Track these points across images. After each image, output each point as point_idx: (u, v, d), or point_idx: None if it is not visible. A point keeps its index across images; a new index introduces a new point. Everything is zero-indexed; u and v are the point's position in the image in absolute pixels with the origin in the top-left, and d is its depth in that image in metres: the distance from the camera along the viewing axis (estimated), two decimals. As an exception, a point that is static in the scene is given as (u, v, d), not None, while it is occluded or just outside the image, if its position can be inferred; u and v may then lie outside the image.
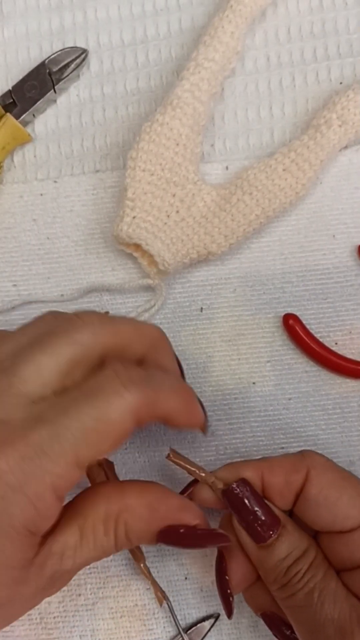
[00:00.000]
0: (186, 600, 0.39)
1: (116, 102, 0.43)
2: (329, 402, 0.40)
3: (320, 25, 0.43)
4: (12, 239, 0.42)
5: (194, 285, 0.41)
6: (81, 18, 0.43)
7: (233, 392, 0.41)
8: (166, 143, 0.39)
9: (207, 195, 0.40)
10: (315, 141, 0.40)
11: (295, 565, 0.31)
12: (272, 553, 0.31)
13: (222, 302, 0.41)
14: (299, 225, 0.41)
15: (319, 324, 0.41)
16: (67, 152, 0.43)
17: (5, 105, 0.42)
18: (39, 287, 0.42)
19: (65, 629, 0.39)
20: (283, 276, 0.41)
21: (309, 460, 0.32)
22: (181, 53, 0.43)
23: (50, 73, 0.42)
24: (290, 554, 0.31)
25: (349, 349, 0.40)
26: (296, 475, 0.32)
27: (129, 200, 0.38)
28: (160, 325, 0.41)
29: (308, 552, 0.31)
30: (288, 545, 0.31)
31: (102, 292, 0.42)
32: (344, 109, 0.40)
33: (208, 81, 0.40)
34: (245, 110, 0.43)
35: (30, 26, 0.44)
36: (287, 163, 0.39)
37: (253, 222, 0.39)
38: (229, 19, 0.40)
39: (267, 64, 0.43)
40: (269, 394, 0.40)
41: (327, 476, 0.32)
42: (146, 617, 0.39)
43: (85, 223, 0.42)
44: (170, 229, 0.39)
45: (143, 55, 0.43)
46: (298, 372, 0.41)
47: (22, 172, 0.42)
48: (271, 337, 0.41)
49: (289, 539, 0.31)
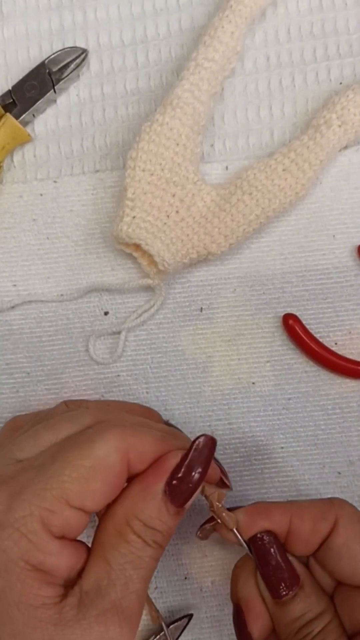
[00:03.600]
0: (186, 600, 0.39)
1: (116, 102, 0.43)
2: (328, 402, 0.40)
3: (320, 26, 0.43)
4: (11, 238, 0.42)
5: (194, 285, 0.41)
6: (81, 18, 0.43)
7: (233, 392, 0.41)
8: (166, 143, 0.39)
9: (207, 195, 0.40)
10: (315, 141, 0.40)
11: (307, 627, 0.31)
12: (286, 610, 0.31)
13: (222, 302, 0.41)
14: (298, 225, 0.41)
15: (319, 324, 0.41)
16: (67, 152, 0.43)
17: (5, 105, 0.42)
18: (38, 287, 0.42)
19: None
20: (283, 276, 0.41)
21: (338, 509, 0.32)
22: (181, 53, 0.43)
23: (50, 73, 0.42)
24: (304, 615, 0.31)
25: (348, 349, 0.40)
26: (324, 523, 0.32)
27: (129, 200, 0.38)
28: (160, 325, 0.41)
29: (323, 616, 0.31)
30: (303, 606, 0.31)
31: (102, 292, 0.42)
32: (344, 109, 0.40)
33: (208, 81, 0.40)
34: (245, 111, 0.43)
35: (30, 26, 0.43)
36: (286, 163, 0.39)
37: (253, 222, 0.39)
38: (228, 19, 0.40)
39: (266, 64, 0.43)
40: (269, 394, 0.40)
41: (354, 528, 0.32)
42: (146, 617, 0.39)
43: (85, 223, 0.42)
44: (170, 229, 0.39)
45: (143, 55, 0.43)
46: (298, 372, 0.41)
47: (22, 172, 0.42)
48: (271, 337, 0.41)
49: (305, 600, 0.31)
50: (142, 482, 0.29)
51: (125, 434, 0.29)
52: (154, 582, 0.39)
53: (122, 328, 0.40)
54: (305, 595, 0.31)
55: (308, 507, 0.32)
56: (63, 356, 0.41)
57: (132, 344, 0.41)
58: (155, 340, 0.41)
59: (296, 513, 0.32)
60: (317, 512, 0.32)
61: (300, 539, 0.32)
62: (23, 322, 0.41)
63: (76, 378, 0.41)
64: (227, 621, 0.39)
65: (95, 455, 0.28)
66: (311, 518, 0.32)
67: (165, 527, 0.29)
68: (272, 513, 0.32)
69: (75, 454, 0.28)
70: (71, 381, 0.41)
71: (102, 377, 0.41)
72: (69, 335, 0.41)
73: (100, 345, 0.41)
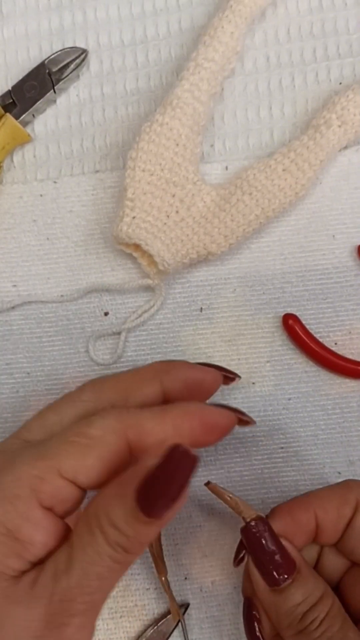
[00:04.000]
0: (186, 600, 0.39)
1: (116, 102, 0.43)
2: (328, 402, 0.40)
3: (319, 26, 0.43)
4: (11, 239, 0.42)
5: (194, 285, 0.41)
6: (81, 18, 0.43)
7: (233, 392, 0.41)
8: (166, 143, 0.39)
9: (207, 196, 0.40)
10: (314, 141, 0.40)
11: (311, 612, 0.30)
12: (286, 598, 0.30)
13: (222, 302, 0.41)
14: (298, 225, 0.41)
15: (319, 324, 0.41)
16: (66, 153, 0.43)
17: (5, 105, 0.42)
18: (38, 287, 0.42)
19: (65, 629, 0.39)
20: (283, 276, 0.41)
21: (357, 491, 0.32)
22: (181, 53, 0.43)
23: (50, 73, 0.42)
24: (306, 599, 0.30)
25: (348, 349, 0.40)
26: (347, 507, 0.32)
27: (129, 201, 0.38)
28: (160, 325, 0.41)
29: (324, 599, 0.31)
30: (303, 591, 0.30)
31: (102, 292, 0.42)
32: (344, 109, 0.40)
33: (208, 81, 0.40)
34: (245, 111, 0.43)
35: (30, 26, 0.43)
36: (286, 163, 0.39)
37: (252, 222, 0.39)
38: (228, 19, 0.40)
39: (266, 64, 0.43)
40: (269, 394, 0.40)
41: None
42: (146, 617, 0.39)
43: (85, 223, 0.42)
44: (170, 229, 0.39)
45: (143, 56, 0.43)
46: (298, 372, 0.41)
47: (21, 173, 0.42)
48: (271, 337, 0.41)
49: (304, 584, 0.30)
50: (120, 480, 0.28)
51: (122, 416, 0.29)
52: (154, 582, 0.39)
53: (122, 328, 0.40)
54: (303, 579, 0.31)
55: (329, 496, 0.32)
56: (63, 357, 0.41)
57: (132, 344, 0.41)
58: (155, 341, 0.41)
59: (319, 506, 0.32)
60: (338, 498, 0.32)
61: (329, 530, 0.32)
62: (23, 323, 0.41)
63: (76, 378, 0.41)
64: (227, 621, 0.39)
65: (92, 435, 0.28)
66: (334, 507, 0.32)
67: (132, 532, 0.26)
68: (298, 517, 0.31)
69: (73, 432, 0.28)
70: (71, 381, 0.41)
71: (102, 377, 0.41)
72: (69, 336, 0.41)
73: (100, 346, 0.41)
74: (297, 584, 0.30)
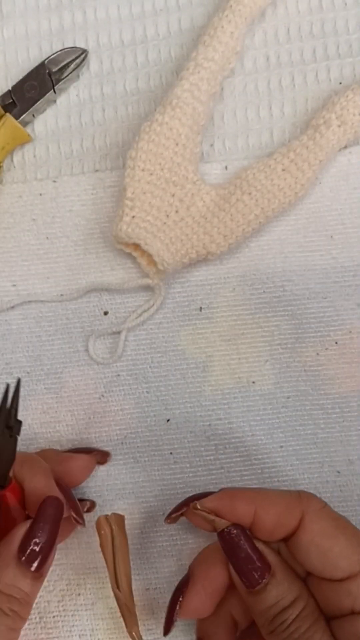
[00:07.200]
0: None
1: (116, 102, 0.43)
2: (328, 401, 0.40)
3: (319, 26, 0.43)
4: (11, 238, 0.42)
5: (193, 284, 0.41)
6: (81, 18, 0.44)
7: (232, 392, 0.41)
8: (165, 143, 0.39)
9: (207, 195, 0.40)
10: (314, 141, 0.40)
11: (282, 614, 0.31)
12: (260, 599, 0.31)
13: (222, 301, 0.41)
14: (298, 225, 0.42)
15: (319, 324, 0.41)
16: (66, 152, 0.43)
17: (5, 105, 0.42)
18: (38, 286, 0.42)
19: (64, 629, 0.39)
20: (283, 275, 0.41)
21: (305, 504, 0.32)
22: (181, 53, 0.43)
23: (50, 73, 0.42)
24: (278, 602, 0.31)
25: (349, 348, 0.40)
26: (289, 518, 0.32)
27: (128, 200, 0.39)
28: (160, 324, 0.41)
29: (297, 602, 0.31)
30: (276, 593, 0.31)
31: (102, 292, 0.42)
32: (343, 109, 0.40)
33: (207, 81, 0.40)
34: (245, 110, 0.43)
35: (30, 26, 0.44)
36: (286, 163, 0.40)
37: (252, 222, 0.39)
38: (228, 19, 0.40)
39: (266, 64, 0.43)
40: (268, 393, 0.40)
41: (320, 524, 0.32)
42: (146, 617, 0.39)
43: (85, 223, 0.42)
44: (170, 229, 0.39)
45: (143, 56, 0.43)
46: (297, 371, 0.41)
47: (21, 172, 0.43)
48: (270, 337, 0.41)
49: (278, 587, 0.31)
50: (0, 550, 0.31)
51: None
52: (154, 582, 0.39)
53: (122, 328, 0.40)
54: (277, 582, 0.31)
55: (274, 500, 0.32)
56: (63, 356, 0.41)
57: (131, 343, 0.41)
58: (155, 340, 0.41)
59: (261, 505, 0.32)
60: (283, 506, 0.32)
61: (264, 530, 0.32)
62: (23, 322, 0.41)
63: (76, 378, 0.41)
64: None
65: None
66: (276, 512, 0.32)
67: (22, 594, 0.30)
68: (236, 506, 0.32)
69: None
70: (71, 381, 0.41)
71: (102, 376, 0.41)
72: (69, 335, 0.41)
73: (100, 345, 0.41)
74: (270, 587, 0.31)
